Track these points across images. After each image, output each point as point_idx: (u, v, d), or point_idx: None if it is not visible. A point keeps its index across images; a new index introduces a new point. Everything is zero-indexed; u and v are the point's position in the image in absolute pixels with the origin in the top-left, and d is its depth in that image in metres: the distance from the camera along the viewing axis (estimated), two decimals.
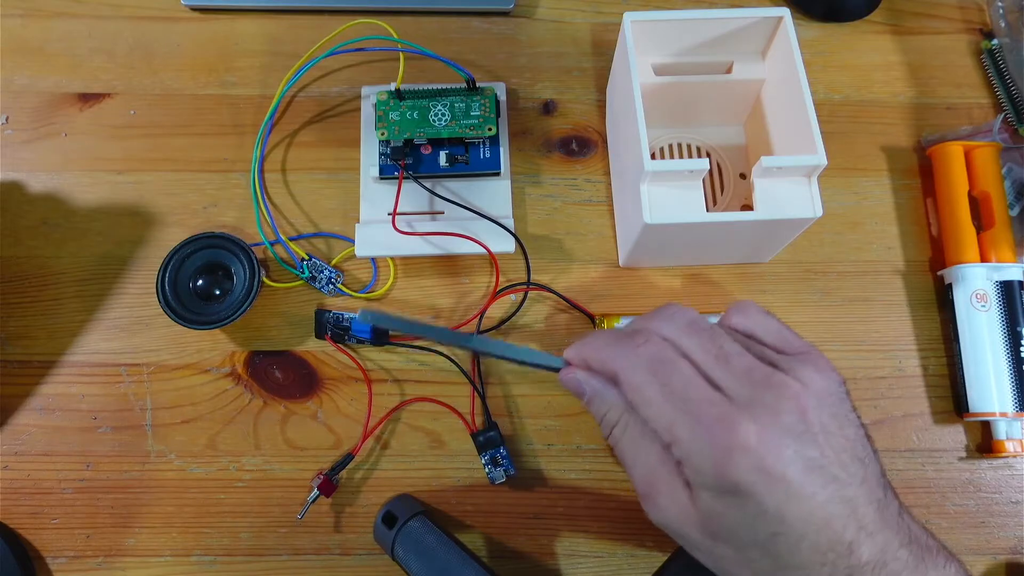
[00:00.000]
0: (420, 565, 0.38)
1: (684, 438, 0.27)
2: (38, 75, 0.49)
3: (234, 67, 0.49)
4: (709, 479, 0.26)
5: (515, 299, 0.45)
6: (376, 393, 0.43)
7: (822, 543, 0.26)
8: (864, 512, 0.26)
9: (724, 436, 0.26)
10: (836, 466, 0.26)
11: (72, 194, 0.47)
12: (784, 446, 0.26)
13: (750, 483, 0.26)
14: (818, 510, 0.26)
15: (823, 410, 0.27)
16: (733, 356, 0.28)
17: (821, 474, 0.26)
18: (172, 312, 0.41)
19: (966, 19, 0.52)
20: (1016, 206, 0.46)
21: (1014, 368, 0.42)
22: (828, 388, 0.28)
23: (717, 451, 0.26)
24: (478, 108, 0.46)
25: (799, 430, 0.26)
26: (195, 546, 0.41)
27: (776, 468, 0.25)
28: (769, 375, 0.27)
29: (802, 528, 0.26)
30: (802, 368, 0.28)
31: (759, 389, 0.27)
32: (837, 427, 0.27)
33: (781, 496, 0.26)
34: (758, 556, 0.27)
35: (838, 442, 0.27)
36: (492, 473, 0.41)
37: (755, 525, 0.26)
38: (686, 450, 0.27)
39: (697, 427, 0.26)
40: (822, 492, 0.26)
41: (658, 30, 0.41)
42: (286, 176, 0.47)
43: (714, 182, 0.46)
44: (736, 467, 0.26)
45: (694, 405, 0.27)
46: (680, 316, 0.30)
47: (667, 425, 0.27)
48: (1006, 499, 0.43)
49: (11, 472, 0.42)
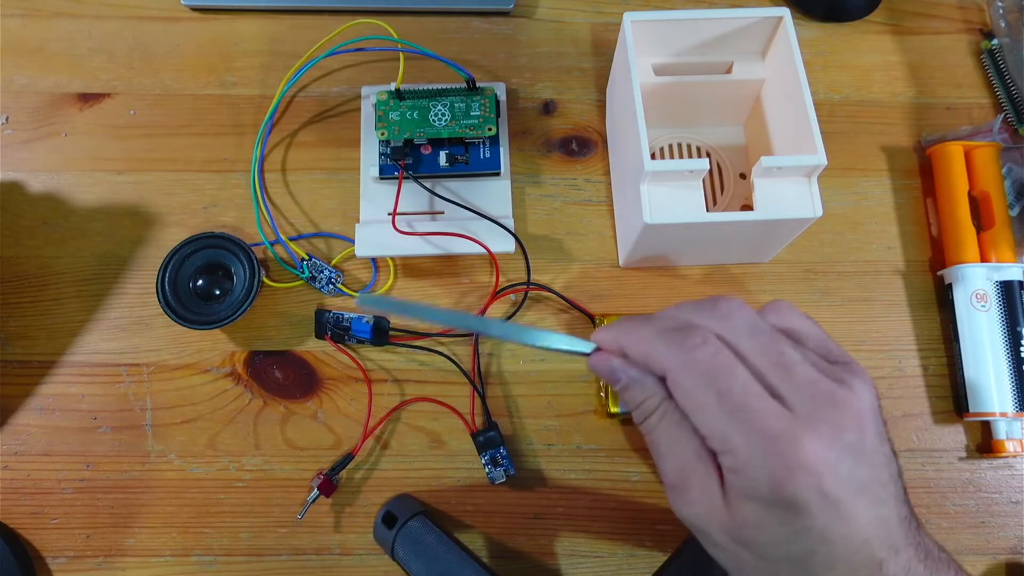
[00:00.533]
0: (420, 565, 0.38)
1: (740, 449, 0.26)
2: (38, 75, 0.49)
3: (234, 67, 0.49)
4: (763, 492, 0.25)
5: (515, 299, 0.45)
6: (376, 393, 0.43)
7: (857, 563, 0.26)
8: (894, 530, 0.26)
9: (787, 452, 0.25)
10: (878, 486, 0.26)
11: (72, 194, 0.47)
12: (842, 466, 0.25)
13: (805, 501, 0.25)
14: (859, 532, 0.25)
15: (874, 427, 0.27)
16: (795, 366, 0.27)
17: (868, 495, 0.26)
18: (172, 312, 0.41)
19: (966, 19, 0.52)
20: (1016, 206, 0.46)
21: (1014, 368, 0.42)
22: (874, 404, 0.27)
23: (778, 466, 0.25)
24: (478, 108, 0.46)
25: (857, 449, 0.26)
26: (195, 546, 0.41)
27: (833, 489, 0.25)
28: (833, 389, 0.26)
29: (843, 548, 0.25)
30: (855, 381, 0.27)
31: (823, 404, 0.26)
32: (880, 443, 0.27)
33: (830, 517, 0.25)
34: (787, 570, 0.27)
35: (880, 460, 0.26)
36: (492, 473, 0.41)
37: (796, 542, 0.26)
38: (741, 460, 0.26)
39: (756, 439, 0.25)
40: (866, 513, 0.25)
41: (658, 30, 0.41)
42: (286, 176, 0.47)
43: (714, 182, 0.46)
44: (795, 484, 0.25)
45: (754, 416, 0.26)
46: (739, 316, 0.28)
47: (721, 434, 0.26)
48: (1006, 499, 0.43)
49: (11, 472, 0.42)
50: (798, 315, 0.30)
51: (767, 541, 0.26)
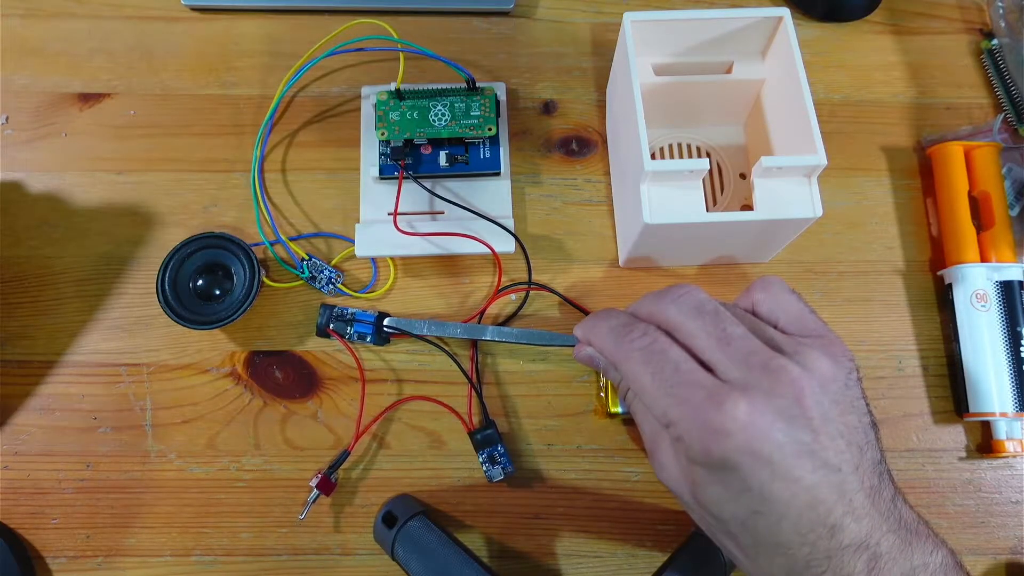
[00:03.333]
0: (420, 565, 0.38)
1: (677, 420, 0.28)
2: (38, 75, 0.49)
3: (234, 67, 0.49)
4: (699, 456, 0.27)
5: (515, 299, 0.45)
6: (375, 392, 0.43)
7: (803, 524, 0.26)
8: (853, 497, 0.27)
9: (712, 416, 0.26)
10: (830, 451, 0.27)
11: (72, 194, 0.47)
12: (774, 428, 0.26)
13: (735, 462, 0.26)
14: (803, 493, 0.26)
15: (825, 396, 0.27)
16: (735, 339, 0.28)
17: (811, 458, 0.26)
18: (172, 312, 0.41)
19: (966, 19, 0.52)
20: (1016, 206, 0.46)
21: (1014, 368, 0.42)
22: (834, 374, 0.28)
23: (705, 430, 0.27)
24: (478, 108, 0.46)
25: (792, 414, 0.26)
26: (195, 546, 0.41)
27: (763, 449, 0.26)
28: (769, 359, 0.28)
29: (783, 509, 0.26)
30: (809, 352, 0.28)
31: (756, 372, 0.27)
32: (838, 413, 0.27)
33: (766, 476, 0.26)
34: (739, 531, 0.28)
35: (836, 428, 0.27)
36: (490, 471, 0.41)
37: (738, 501, 0.27)
38: (678, 431, 0.28)
39: (686, 408, 0.27)
40: (810, 476, 0.26)
41: (658, 30, 0.41)
42: (286, 176, 0.47)
43: (714, 182, 0.46)
44: (722, 445, 0.26)
45: (682, 389, 0.28)
46: (687, 298, 0.31)
47: (662, 410, 0.28)
48: (1006, 499, 0.43)
49: (11, 472, 0.42)
50: (780, 288, 0.32)
51: (715, 501, 0.28)
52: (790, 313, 0.31)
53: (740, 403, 0.26)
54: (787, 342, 0.29)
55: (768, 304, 0.31)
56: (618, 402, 0.41)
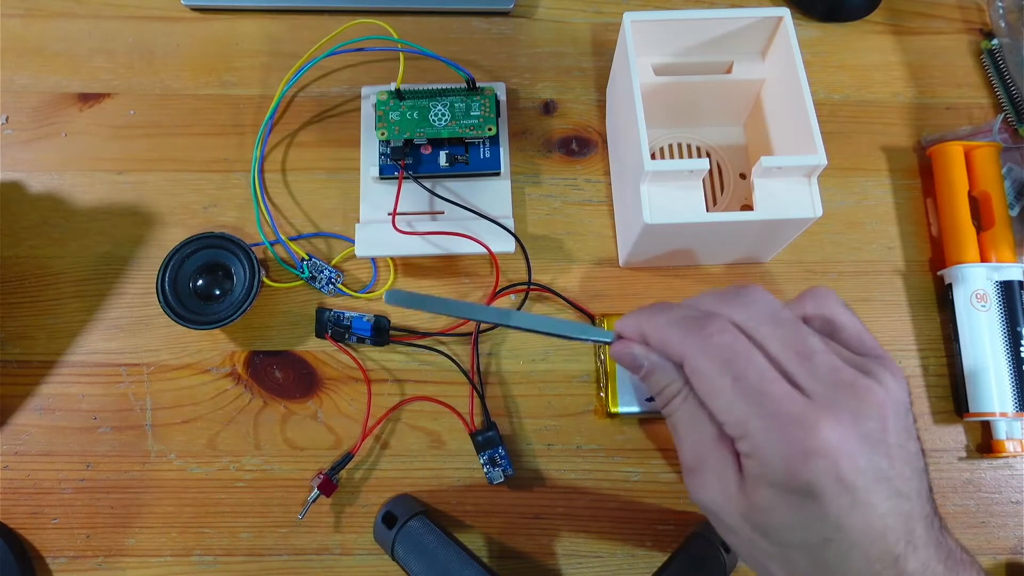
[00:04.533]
0: (420, 565, 0.38)
1: (756, 433, 0.26)
2: (38, 75, 0.49)
3: (234, 67, 0.49)
4: (778, 477, 0.25)
5: (515, 299, 0.45)
6: (376, 393, 0.43)
7: (873, 554, 0.25)
8: (915, 526, 0.26)
9: (803, 436, 0.25)
10: (900, 479, 0.26)
11: (72, 194, 0.47)
12: (861, 454, 0.25)
13: (820, 487, 0.25)
14: (876, 521, 0.25)
15: (898, 420, 0.26)
16: (816, 354, 0.27)
17: (887, 486, 0.25)
18: (172, 312, 0.41)
19: (966, 19, 0.52)
20: (1016, 206, 0.46)
21: (1014, 368, 0.42)
22: (903, 398, 0.27)
23: (793, 450, 0.25)
24: (478, 108, 0.46)
25: (876, 438, 0.25)
26: (195, 546, 0.41)
27: (850, 477, 0.25)
28: (855, 378, 0.26)
29: (857, 538, 0.25)
30: (883, 373, 0.27)
31: (843, 392, 0.26)
32: (906, 439, 0.26)
33: (846, 504, 0.25)
34: (800, 558, 0.27)
35: (905, 455, 0.26)
36: (490, 473, 0.41)
37: (810, 528, 0.26)
38: (757, 445, 0.26)
39: (772, 423, 0.25)
40: (884, 504, 0.25)
41: (658, 30, 0.41)
42: (286, 176, 0.47)
43: (714, 182, 0.46)
44: (811, 469, 0.25)
45: (770, 400, 0.26)
46: (762, 304, 0.28)
47: (737, 419, 0.26)
48: (1006, 499, 0.43)
49: (11, 472, 0.42)
50: (836, 303, 0.30)
51: (782, 527, 0.26)
52: (849, 329, 0.29)
53: (835, 426, 0.25)
54: (861, 361, 0.27)
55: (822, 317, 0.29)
56: (618, 402, 0.41)
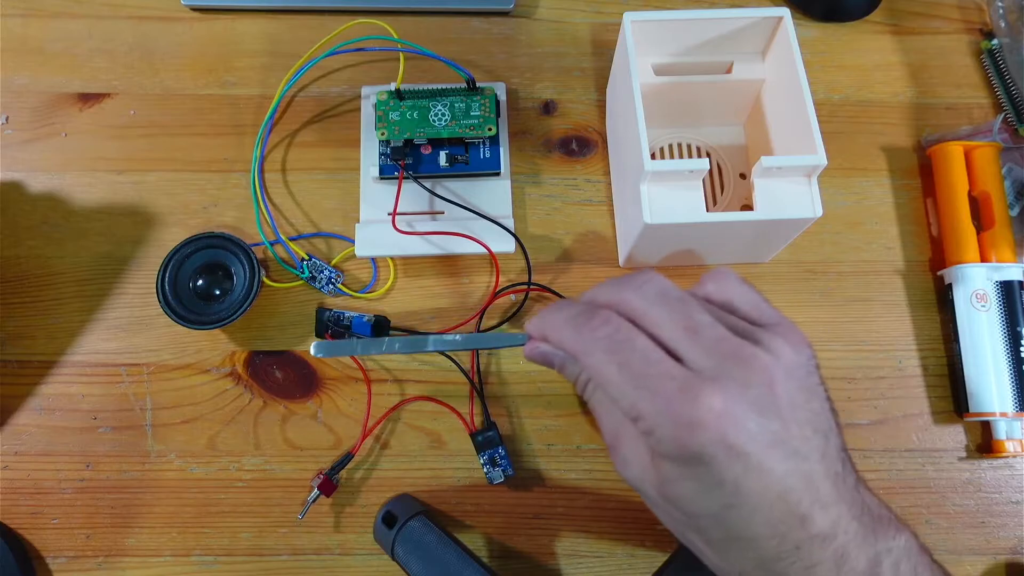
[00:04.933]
0: (420, 565, 0.38)
1: (647, 413, 0.27)
2: (38, 75, 0.49)
3: (234, 67, 0.49)
4: (671, 450, 0.26)
5: (515, 299, 0.45)
6: (376, 393, 0.43)
7: (775, 517, 0.26)
8: (820, 486, 0.26)
9: (686, 408, 0.26)
10: (798, 440, 0.26)
11: (72, 194, 0.47)
12: (748, 420, 0.26)
13: (710, 455, 0.25)
14: (775, 484, 0.26)
15: (791, 383, 0.27)
16: (703, 328, 0.28)
17: (782, 448, 0.26)
18: (172, 312, 0.41)
19: (966, 19, 0.52)
20: (1016, 206, 0.46)
21: (1014, 368, 0.42)
22: (798, 360, 0.27)
23: (678, 423, 0.26)
24: (478, 108, 0.46)
25: (764, 403, 0.26)
26: (195, 546, 0.41)
27: (738, 442, 0.25)
28: (739, 347, 0.27)
29: (756, 501, 0.26)
30: (773, 340, 0.27)
31: (728, 362, 0.27)
32: (804, 400, 0.27)
33: (739, 470, 0.26)
34: (709, 525, 0.27)
35: (803, 415, 0.27)
36: (490, 473, 0.41)
37: (710, 496, 0.26)
38: (649, 423, 0.27)
39: (658, 401, 0.26)
40: (781, 466, 0.26)
41: (658, 30, 0.41)
42: (286, 176, 0.47)
43: (714, 182, 0.46)
44: (697, 439, 0.25)
45: (655, 380, 0.27)
46: (651, 285, 0.29)
47: (630, 403, 0.27)
48: (1006, 499, 0.43)
49: (11, 472, 0.42)
50: (732, 280, 0.31)
51: (685, 497, 0.27)
52: (746, 303, 0.30)
53: (715, 394, 0.25)
54: (751, 330, 0.28)
55: (722, 296, 0.30)
56: None
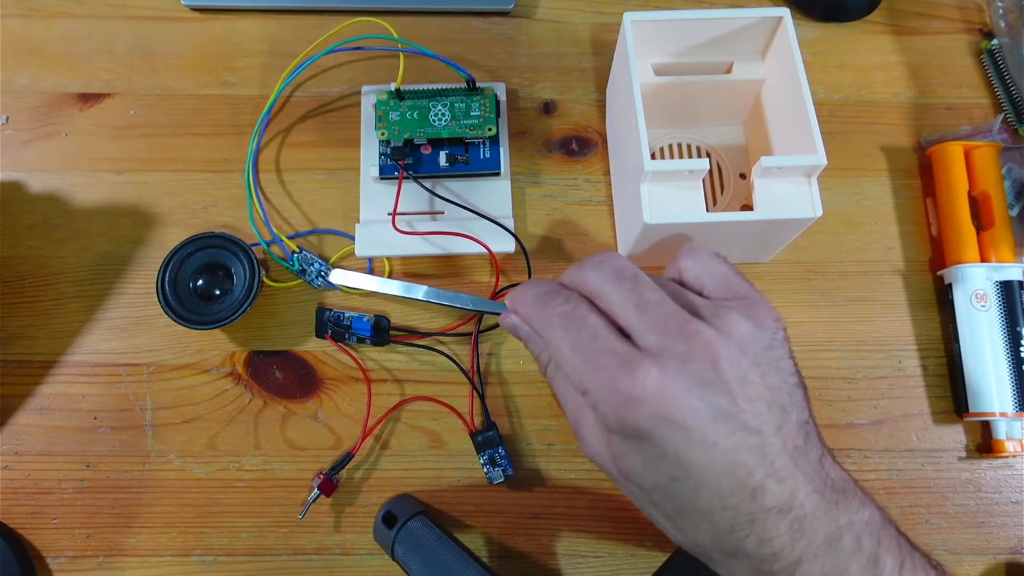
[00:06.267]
0: (420, 565, 0.38)
1: (590, 387, 0.27)
2: (38, 75, 0.49)
3: (234, 67, 0.49)
4: (614, 424, 0.27)
5: None
6: (376, 393, 0.43)
7: (723, 489, 0.26)
8: (776, 459, 0.26)
9: (624, 383, 0.26)
10: (749, 414, 0.26)
11: (72, 194, 0.47)
12: (687, 394, 0.26)
13: (649, 429, 0.26)
14: (721, 457, 0.26)
15: (743, 358, 0.27)
16: (652, 304, 0.28)
17: (728, 422, 0.26)
18: (172, 312, 0.41)
19: (966, 19, 0.52)
20: (1016, 206, 0.46)
21: (1014, 368, 0.42)
22: (754, 335, 0.28)
23: (618, 397, 0.26)
24: (478, 108, 0.46)
25: (708, 378, 0.26)
26: (195, 546, 0.41)
27: (675, 415, 0.26)
28: (684, 323, 0.27)
29: (701, 474, 0.26)
30: (728, 314, 0.28)
31: (671, 337, 0.27)
32: (758, 375, 0.27)
33: (681, 443, 0.26)
34: (661, 498, 0.28)
35: (756, 390, 0.27)
36: (490, 473, 0.41)
37: (656, 469, 0.27)
38: (594, 399, 0.27)
39: (600, 376, 0.27)
40: (727, 440, 0.26)
41: (658, 30, 0.41)
42: (286, 176, 0.47)
43: (714, 182, 0.46)
44: (635, 413, 0.26)
45: (598, 355, 0.27)
46: (607, 264, 0.30)
47: (578, 378, 0.28)
48: (1006, 499, 0.43)
49: (11, 472, 0.42)
50: (706, 255, 0.31)
51: (634, 470, 0.28)
52: (715, 277, 0.30)
53: (652, 370, 0.26)
54: (706, 306, 0.29)
55: (694, 270, 0.31)
56: None
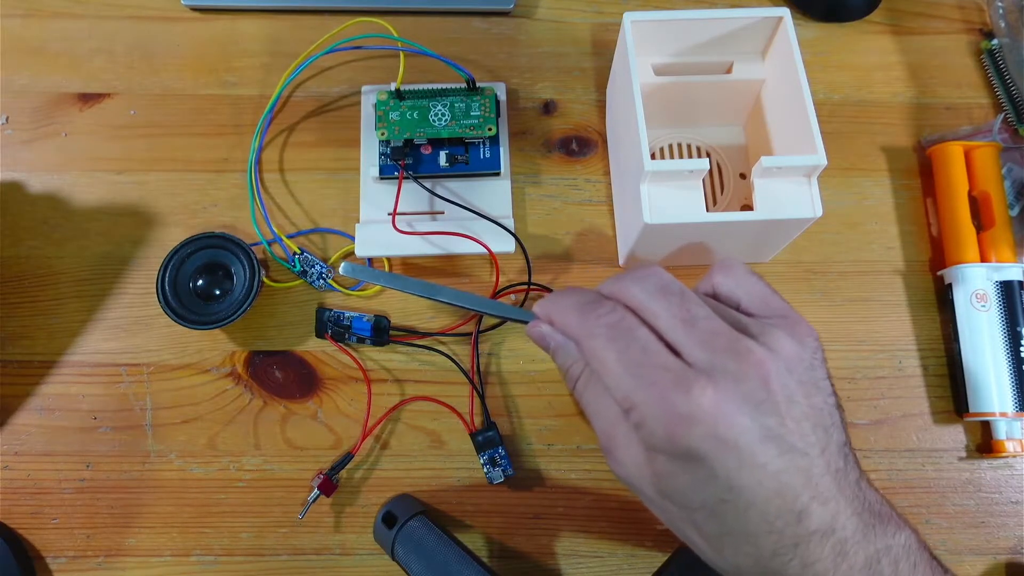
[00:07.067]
0: (420, 565, 0.38)
1: (638, 403, 0.27)
2: (38, 75, 0.49)
3: (234, 67, 0.49)
4: (664, 444, 0.26)
5: (515, 299, 0.45)
6: (376, 393, 0.43)
7: (771, 512, 0.26)
8: (820, 482, 0.26)
9: (678, 401, 0.26)
10: (796, 435, 0.26)
11: (72, 194, 0.47)
12: (741, 414, 0.25)
13: (702, 449, 0.25)
14: (769, 479, 0.26)
15: (790, 377, 0.27)
16: (700, 320, 0.27)
17: (778, 443, 0.26)
18: (172, 312, 0.41)
19: (966, 19, 0.52)
20: (1016, 206, 0.46)
21: (1014, 368, 0.42)
22: (799, 354, 0.27)
23: (670, 416, 0.26)
24: (478, 108, 0.46)
25: (759, 398, 0.26)
26: (195, 546, 0.41)
27: (729, 436, 0.25)
28: (734, 340, 0.27)
29: (751, 496, 0.26)
30: (773, 333, 0.27)
31: (721, 355, 0.26)
32: (803, 395, 0.27)
33: (733, 464, 0.25)
34: (705, 519, 0.27)
35: (801, 411, 0.26)
36: (490, 473, 0.41)
37: (704, 490, 0.26)
38: (641, 415, 0.27)
39: (651, 392, 0.26)
40: (776, 461, 0.26)
41: (658, 30, 0.41)
42: (286, 176, 0.47)
43: (714, 182, 0.46)
44: (688, 433, 0.25)
45: (650, 370, 0.27)
46: (652, 279, 0.29)
47: (624, 392, 0.27)
48: (1006, 499, 0.43)
49: (11, 472, 0.42)
50: (742, 271, 0.31)
51: (680, 491, 0.27)
52: (752, 294, 0.30)
53: (707, 388, 0.25)
54: (751, 323, 0.28)
55: (728, 286, 0.30)
56: None
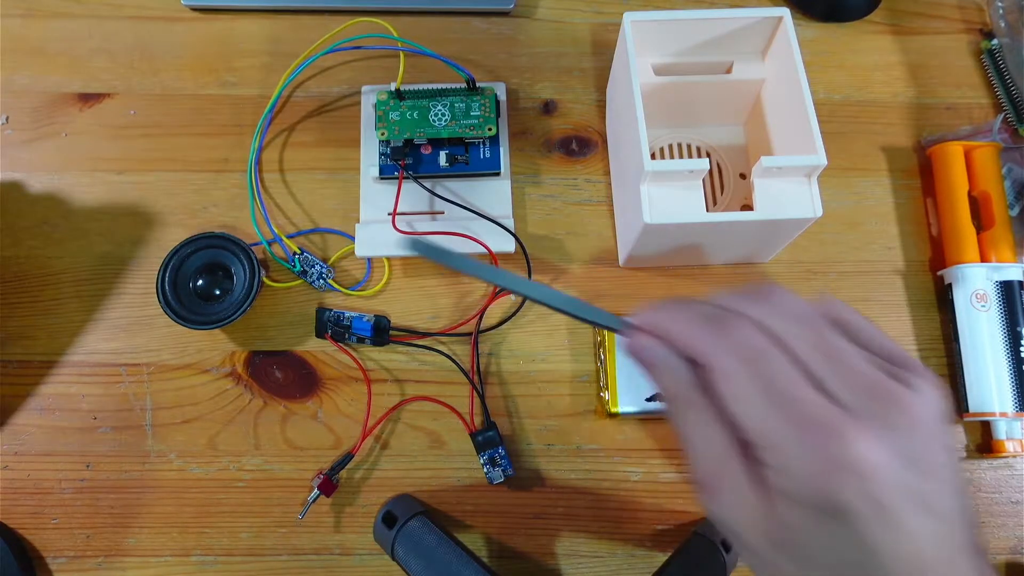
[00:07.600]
0: (420, 565, 0.38)
1: (783, 443, 0.23)
2: (38, 75, 0.49)
3: (234, 67, 0.49)
4: (806, 493, 0.23)
5: (515, 299, 0.45)
6: (376, 393, 0.43)
7: None
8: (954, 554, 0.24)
9: (834, 449, 0.22)
10: (936, 498, 0.23)
11: (72, 194, 0.47)
12: (896, 472, 0.22)
13: (853, 508, 0.22)
14: (910, 546, 0.23)
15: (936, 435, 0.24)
16: (849, 358, 0.24)
17: (927, 510, 0.23)
18: (172, 312, 0.41)
19: (966, 19, 0.52)
20: (1016, 206, 0.46)
21: (1014, 368, 0.42)
22: (940, 410, 0.25)
23: (824, 465, 0.22)
24: (478, 108, 0.46)
25: (913, 455, 0.23)
26: (195, 546, 0.41)
27: (884, 496, 0.22)
28: (891, 387, 0.24)
29: (890, 563, 0.23)
30: (920, 382, 0.24)
31: (880, 403, 0.23)
32: (947, 457, 0.24)
33: (879, 526, 0.22)
34: None
35: (946, 474, 0.24)
36: (490, 473, 0.41)
37: (839, 551, 0.23)
38: (784, 456, 0.23)
39: (801, 433, 0.23)
40: (921, 527, 0.23)
41: (658, 30, 0.41)
42: (287, 176, 0.47)
43: (714, 182, 0.46)
44: (842, 487, 0.22)
45: (800, 407, 0.23)
46: (788, 303, 0.26)
47: (763, 426, 0.24)
48: (1006, 499, 0.43)
49: (11, 472, 0.42)
50: (844, 307, 0.27)
51: (808, 548, 0.24)
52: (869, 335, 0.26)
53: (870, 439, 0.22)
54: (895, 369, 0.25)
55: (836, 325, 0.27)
56: (618, 402, 0.41)
